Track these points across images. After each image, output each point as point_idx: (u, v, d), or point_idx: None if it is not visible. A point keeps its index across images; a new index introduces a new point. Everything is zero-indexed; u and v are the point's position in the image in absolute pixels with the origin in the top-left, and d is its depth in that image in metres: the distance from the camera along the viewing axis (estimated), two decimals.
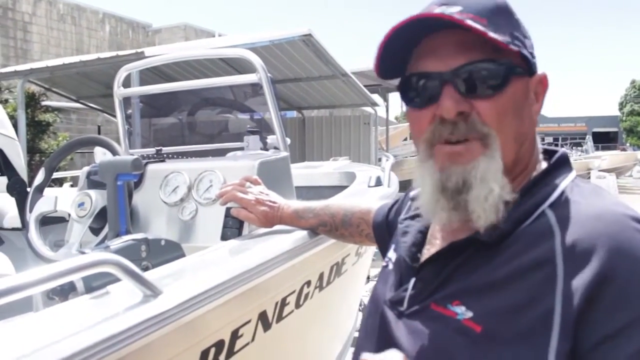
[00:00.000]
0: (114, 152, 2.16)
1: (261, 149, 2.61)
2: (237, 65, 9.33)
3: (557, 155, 0.93)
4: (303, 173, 3.33)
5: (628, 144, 47.74)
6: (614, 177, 16.79)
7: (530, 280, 0.76)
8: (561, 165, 0.91)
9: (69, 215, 2.17)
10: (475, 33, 0.82)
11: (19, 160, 3.36)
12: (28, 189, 2.52)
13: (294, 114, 13.72)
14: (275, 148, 2.46)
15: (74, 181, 5.05)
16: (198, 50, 3.62)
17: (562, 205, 0.83)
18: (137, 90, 2.71)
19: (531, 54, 0.89)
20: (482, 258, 0.83)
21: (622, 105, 53.55)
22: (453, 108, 0.84)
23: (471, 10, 0.85)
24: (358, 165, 3.94)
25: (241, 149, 2.70)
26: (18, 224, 3.06)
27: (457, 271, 0.86)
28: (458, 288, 0.84)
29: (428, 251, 0.98)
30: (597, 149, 29.29)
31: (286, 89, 11.37)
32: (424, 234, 1.02)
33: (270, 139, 2.59)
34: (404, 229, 1.06)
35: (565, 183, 0.87)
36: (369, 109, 13.02)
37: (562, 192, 0.85)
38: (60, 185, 6.80)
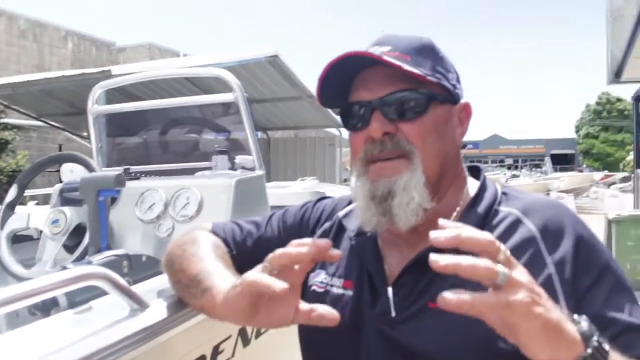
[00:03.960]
0: (91, 169, 2.15)
1: (229, 169, 2.60)
2: (201, 85, 9.29)
3: (482, 173, 1.13)
4: (273, 193, 3.33)
5: (585, 166, 48.98)
6: (573, 198, 17.14)
7: (524, 257, 0.92)
8: (486, 179, 1.10)
9: (40, 232, 2.14)
10: (396, 68, 0.95)
11: None
12: None
13: (258, 134, 13.71)
14: (244, 168, 2.47)
15: (38, 200, 4.94)
16: (173, 70, 3.61)
17: (510, 203, 1.02)
18: (111, 108, 2.70)
19: (454, 85, 1.04)
20: None
21: (578, 129, 54.98)
22: (380, 129, 0.98)
23: (399, 49, 1.00)
24: (327, 185, 3.98)
25: (209, 168, 2.67)
26: None
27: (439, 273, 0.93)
28: (451, 284, 0.83)
29: (393, 262, 1.06)
30: (555, 170, 29.98)
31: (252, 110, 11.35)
32: (377, 247, 1.09)
33: (238, 159, 2.59)
34: (360, 246, 1.12)
35: (499, 190, 1.06)
36: (334, 131, 13.10)
37: (502, 195, 1.05)
38: (24, 204, 6.64)
